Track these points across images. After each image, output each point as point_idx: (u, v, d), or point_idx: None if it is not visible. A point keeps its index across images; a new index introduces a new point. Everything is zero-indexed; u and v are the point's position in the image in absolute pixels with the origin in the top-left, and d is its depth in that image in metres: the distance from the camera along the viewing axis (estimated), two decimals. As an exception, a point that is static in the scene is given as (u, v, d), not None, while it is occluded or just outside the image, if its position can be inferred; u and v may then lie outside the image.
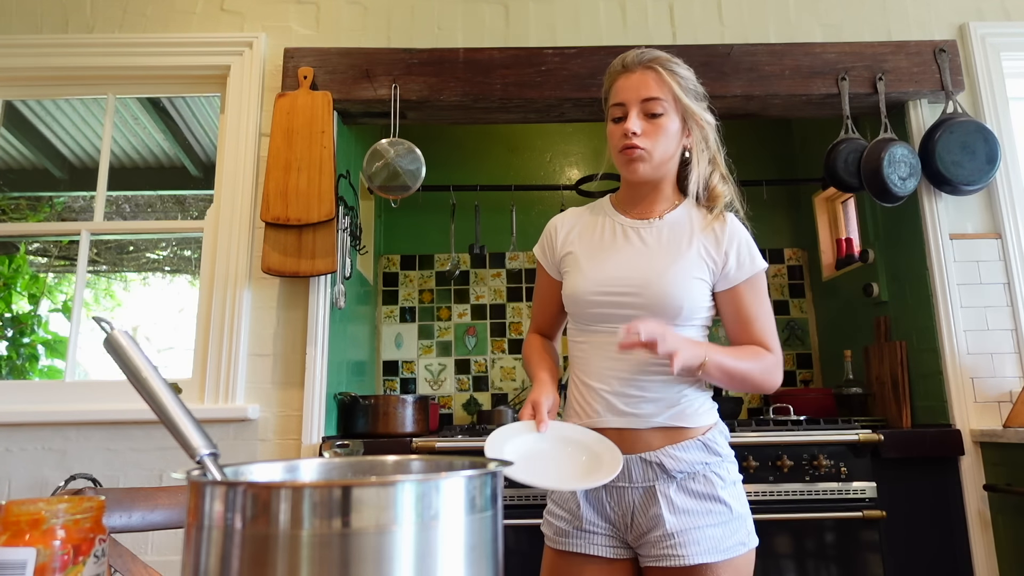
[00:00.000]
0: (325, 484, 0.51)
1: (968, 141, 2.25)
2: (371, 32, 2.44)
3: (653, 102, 1.24)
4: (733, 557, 1.17)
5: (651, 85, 1.25)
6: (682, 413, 1.22)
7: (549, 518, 1.29)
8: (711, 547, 1.16)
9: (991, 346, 2.23)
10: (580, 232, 1.35)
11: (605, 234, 1.32)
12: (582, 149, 3.42)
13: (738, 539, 1.19)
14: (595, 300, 1.25)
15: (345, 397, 2.33)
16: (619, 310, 1.23)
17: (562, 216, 1.40)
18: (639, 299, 1.22)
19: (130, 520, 1.08)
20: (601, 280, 1.25)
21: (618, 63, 1.30)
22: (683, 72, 1.29)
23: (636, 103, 1.25)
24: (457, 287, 3.24)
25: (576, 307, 1.28)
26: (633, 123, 1.23)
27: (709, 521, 1.18)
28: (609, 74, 1.32)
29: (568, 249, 1.34)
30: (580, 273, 1.28)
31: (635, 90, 1.25)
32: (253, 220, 2.26)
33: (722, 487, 1.21)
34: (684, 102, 1.26)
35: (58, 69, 2.40)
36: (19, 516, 0.60)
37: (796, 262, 3.27)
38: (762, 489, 2.00)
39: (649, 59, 1.27)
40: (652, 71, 1.25)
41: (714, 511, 1.19)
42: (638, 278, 1.23)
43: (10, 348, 4.14)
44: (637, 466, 1.20)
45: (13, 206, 4.61)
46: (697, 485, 1.20)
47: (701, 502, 1.19)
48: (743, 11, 2.48)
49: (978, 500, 2.07)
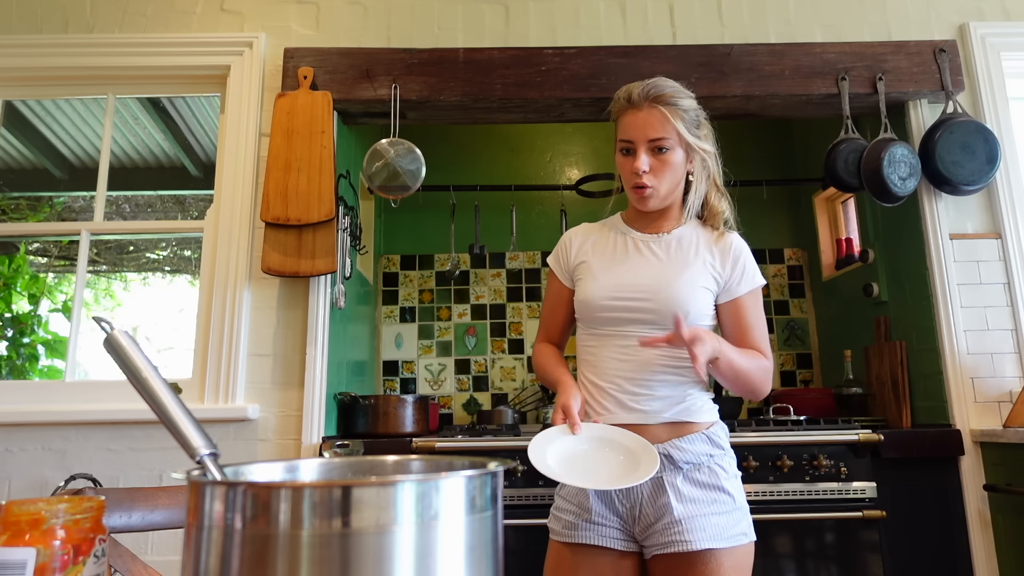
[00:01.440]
0: (325, 484, 0.51)
1: (968, 141, 2.25)
2: (371, 32, 2.44)
3: (660, 140, 1.31)
4: (736, 546, 1.24)
5: (657, 126, 1.31)
6: (687, 409, 1.30)
7: (557, 513, 1.33)
8: (716, 534, 1.22)
9: (991, 346, 2.23)
10: (594, 244, 1.44)
11: (618, 246, 1.41)
12: (582, 149, 3.42)
13: (740, 529, 1.26)
14: (607, 305, 1.33)
15: (345, 397, 2.33)
16: (629, 314, 1.31)
17: (576, 229, 1.50)
18: (649, 304, 1.30)
19: (130, 520, 1.08)
20: (613, 286, 1.34)
21: (624, 96, 1.35)
22: (686, 105, 1.34)
23: (643, 142, 1.32)
24: (457, 287, 3.24)
25: (588, 311, 1.36)
26: (642, 163, 1.31)
27: (714, 509, 1.24)
28: (615, 106, 1.38)
29: (582, 258, 1.42)
30: (594, 280, 1.37)
31: (642, 130, 1.32)
32: (253, 220, 2.26)
33: (725, 478, 1.28)
34: (687, 137, 1.33)
35: (58, 69, 2.40)
36: (19, 516, 0.60)
37: (796, 262, 3.27)
38: (762, 489, 2.00)
39: (655, 96, 1.31)
40: (657, 110, 1.31)
41: (719, 500, 1.26)
42: (649, 285, 1.32)
43: (10, 348, 4.13)
44: None
45: (13, 206, 4.61)
46: (702, 476, 1.27)
47: (706, 491, 1.26)
48: (743, 11, 2.48)
49: (978, 500, 2.07)
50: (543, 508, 1.34)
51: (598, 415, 1.31)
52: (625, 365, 1.31)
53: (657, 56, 2.38)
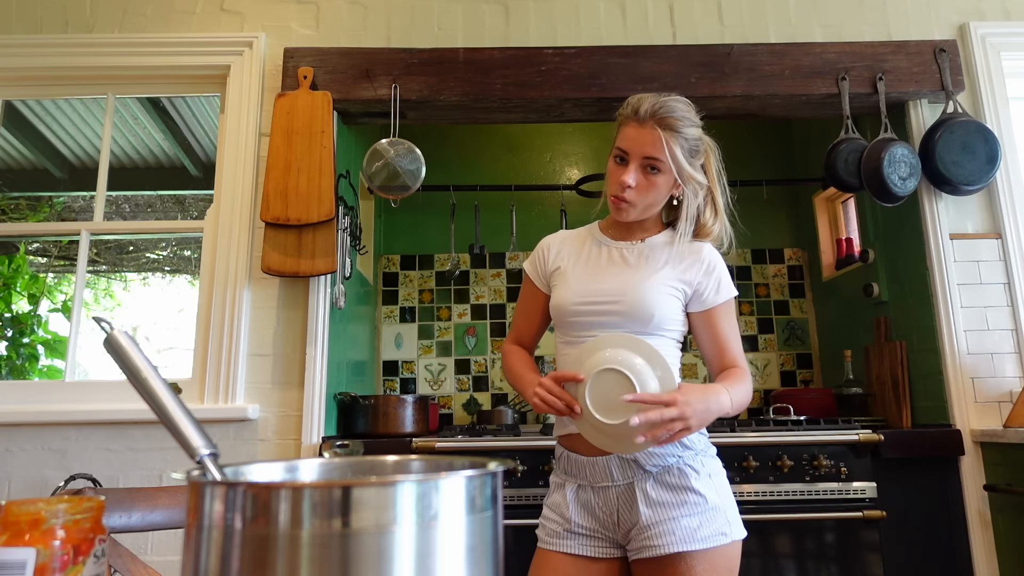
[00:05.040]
0: (325, 484, 0.51)
1: (968, 141, 2.25)
2: (371, 32, 2.44)
3: (653, 160, 1.32)
4: (711, 547, 1.22)
5: (656, 146, 1.30)
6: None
7: (543, 521, 1.36)
8: (685, 536, 1.22)
9: (991, 346, 2.23)
10: (569, 251, 1.47)
11: (592, 254, 1.44)
12: (582, 149, 3.42)
13: (715, 528, 1.24)
14: (578, 309, 1.35)
15: (345, 397, 2.33)
16: (599, 318, 1.34)
17: (553, 236, 1.52)
18: (617, 307, 1.32)
19: (130, 520, 1.08)
20: (584, 292, 1.36)
21: (632, 108, 1.34)
22: (689, 133, 1.34)
23: (638, 158, 1.32)
24: (457, 287, 3.24)
25: (561, 316, 1.39)
26: (630, 177, 1.32)
27: (683, 512, 1.24)
28: (622, 113, 1.37)
29: (557, 265, 1.45)
30: (567, 286, 1.40)
31: (640, 145, 1.32)
32: (253, 220, 2.26)
33: (696, 479, 1.27)
34: (682, 165, 1.32)
35: (58, 69, 2.40)
36: (19, 516, 0.60)
37: (796, 262, 3.27)
38: (762, 489, 2.00)
39: (661, 116, 1.31)
40: (659, 133, 1.30)
41: (688, 502, 1.25)
42: (616, 289, 1.34)
43: (10, 348, 4.14)
44: (616, 465, 1.28)
45: (13, 206, 4.61)
46: (671, 478, 1.27)
47: (675, 493, 1.26)
48: (743, 11, 2.48)
49: (978, 500, 2.07)
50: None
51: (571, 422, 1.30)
52: None
53: (657, 56, 2.38)
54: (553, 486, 1.38)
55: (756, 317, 3.22)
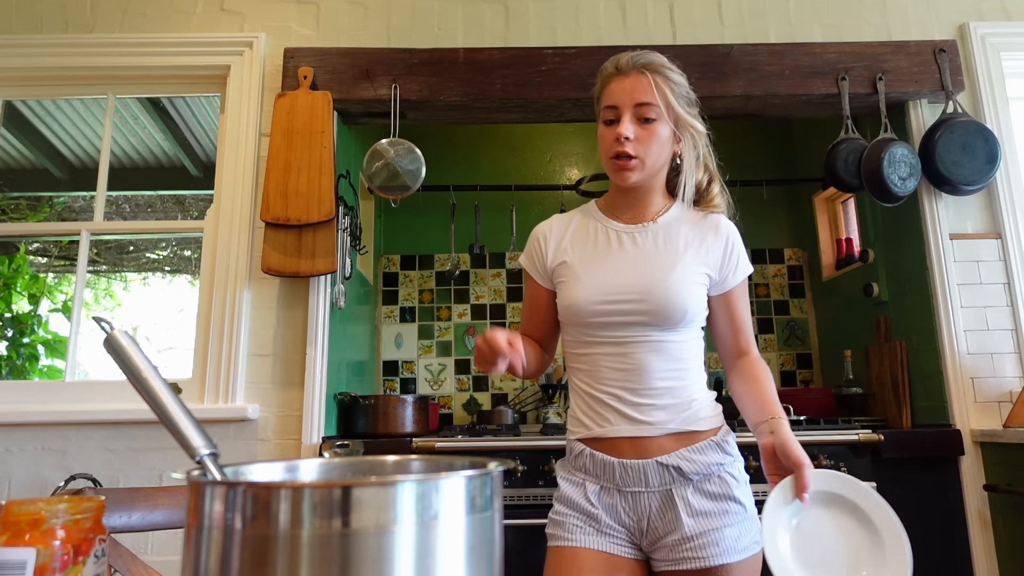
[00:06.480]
0: (325, 484, 0.51)
1: (968, 141, 2.25)
2: (371, 32, 2.44)
3: (646, 107, 1.22)
4: (749, 556, 1.18)
5: (645, 90, 1.22)
6: (694, 416, 1.22)
7: (559, 519, 1.24)
8: (730, 547, 1.16)
9: (991, 346, 2.23)
10: (572, 240, 1.31)
11: (599, 241, 1.29)
12: (582, 149, 3.42)
13: (752, 538, 1.19)
14: (596, 310, 1.22)
15: (345, 397, 2.33)
16: (622, 318, 1.21)
17: (548, 224, 1.37)
18: (642, 305, 1.20)
19: (130, 520, 1.08)
20: (600, 289, 1.23)
21: (611, 65, 1.27)
22: (676, 78, 1.27)
23: (629, 107, 1.23)
24: (457, 287, 3.24)
25: (576, 317, 1.25)
26: (626, 128, 1.21)
27: (727, 521, 1.18)
28: (602, 75, 1.30)
29: (562, 258, 1.30)
30: (578, 283, 1.25)
31: (629, 94, 1.23)
32: (253, 220, 2.26)
33: (736, 486, 1.21)
34: (677, 110, 1.25)
35: (58, 69, 2.40)
36: (19, 516, 0.60)
37: (796, 262, 3.27)
38: (763, 489, 1.99)
39: (644, 63, 1.24)
40: (646, 76, 1.23)
41: (731, 511, 1.19)
42: (640, 284, 1.21)
43: (10, 348, 4.14)
44: (654, 471, 1.19)
45: (13, 206, 4.62)
46: (713, 486, 1.20)
47: (718, 503, 1.19)
48: (743, 11, 2.48)
49: (978, 500, 2.07)
50: (543, 508, 1.32)
51: (599, 428, 1.22)
52: (622, 373, 1.22)
53: (657, 56, 2.37)
54: (568, 484, 1.25)
55: (756, 317, 3.22)
